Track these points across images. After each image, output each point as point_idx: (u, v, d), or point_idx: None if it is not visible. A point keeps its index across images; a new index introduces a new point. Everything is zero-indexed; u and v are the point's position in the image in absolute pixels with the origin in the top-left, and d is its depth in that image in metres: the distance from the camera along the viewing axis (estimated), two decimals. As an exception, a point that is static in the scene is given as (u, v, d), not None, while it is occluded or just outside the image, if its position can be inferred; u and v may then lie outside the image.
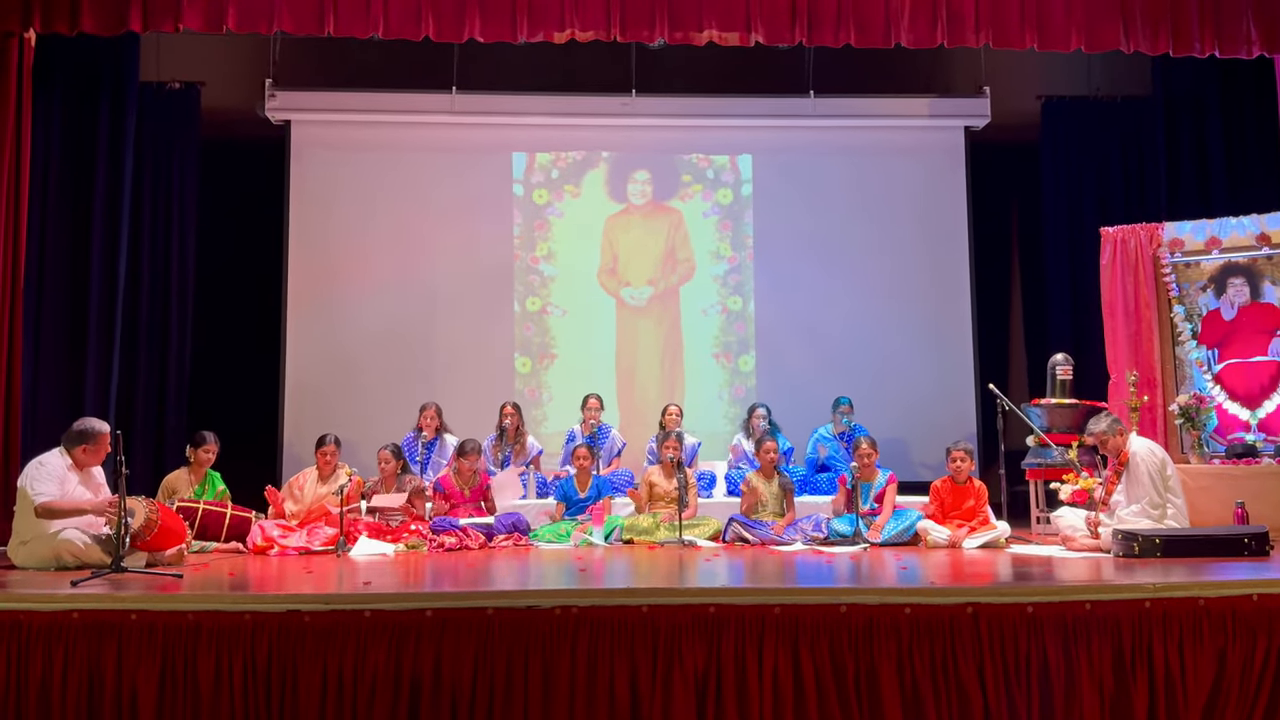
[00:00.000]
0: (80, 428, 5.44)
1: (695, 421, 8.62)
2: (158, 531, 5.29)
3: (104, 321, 8.05)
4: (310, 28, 6.64)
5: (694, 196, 9.24)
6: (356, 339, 8.82)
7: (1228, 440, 6.89)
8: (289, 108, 8.88)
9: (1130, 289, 7.33)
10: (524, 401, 8.65)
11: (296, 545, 6.09)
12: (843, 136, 9.25)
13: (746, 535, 6.42)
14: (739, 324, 9.14)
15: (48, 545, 5.17)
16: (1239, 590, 4.17)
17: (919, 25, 6.73)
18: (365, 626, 3.92)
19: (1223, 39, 6.79)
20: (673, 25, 6.71)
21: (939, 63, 9.07)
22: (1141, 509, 5.69)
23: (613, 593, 4.06)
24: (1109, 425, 5.92)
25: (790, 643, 3.96)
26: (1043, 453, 7.14)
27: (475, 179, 9.11)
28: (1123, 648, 4.06)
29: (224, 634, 3.91)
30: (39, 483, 5.25)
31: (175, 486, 6.52)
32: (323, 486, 6.62)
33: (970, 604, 4.04)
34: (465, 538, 6.29)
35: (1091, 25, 6.77)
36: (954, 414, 8.91)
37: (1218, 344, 7.10)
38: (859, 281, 9.13)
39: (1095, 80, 9.25)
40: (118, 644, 3.93)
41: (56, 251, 7.87)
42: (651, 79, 8.88)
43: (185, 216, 8.69)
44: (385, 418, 8.13)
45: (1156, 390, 7.14)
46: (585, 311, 9.08)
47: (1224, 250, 7.13)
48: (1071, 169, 9.28)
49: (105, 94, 8.16)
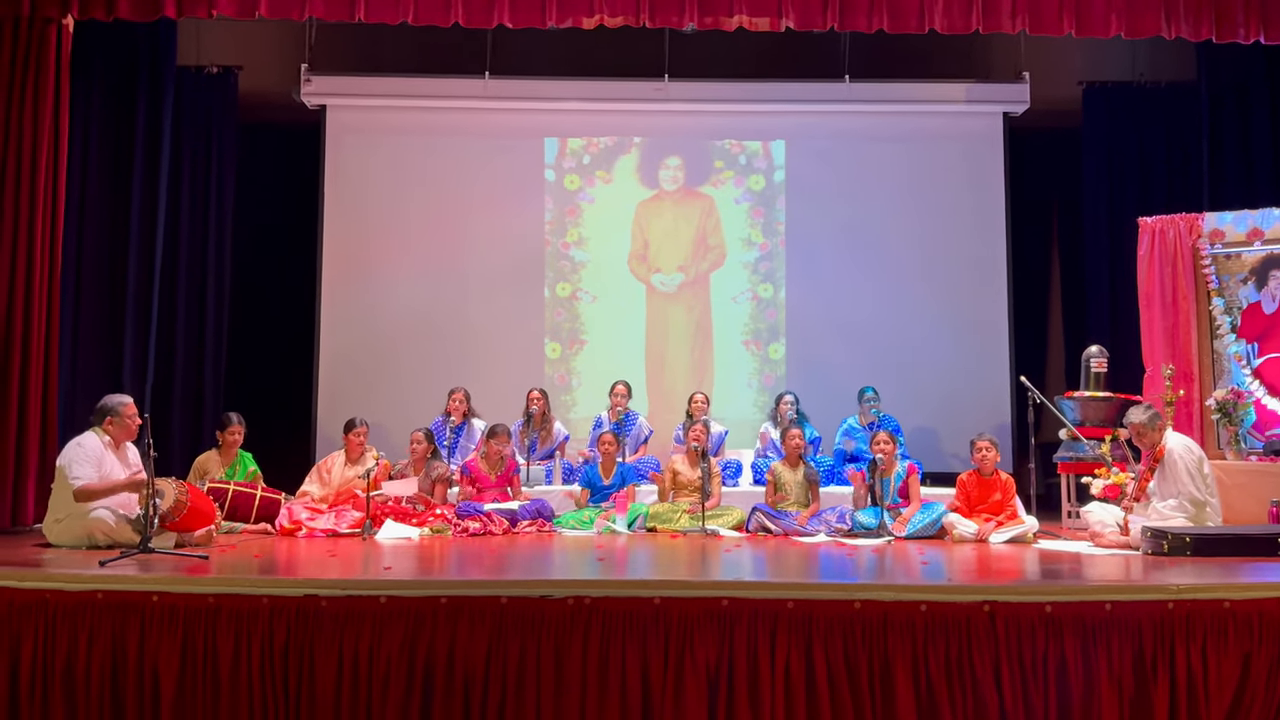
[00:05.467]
0: (103, 404, 5.59)
1: (724, 409, 8.60)
2: (187, 513, 5.39)
3: (141, 304, 8.19)
4: (341, 14, 6.66)
5: (726, 183, 9.18)
6: (389, 322, 8.88)
7: (1266, 437, 6.73)
8: (325, 92, 8.92)
9: (1168, 280, 7.17)
10: (553, 387, 8.69)
11: (324, 528, 6.18)
12: (878, 122, 9.12)
13: (769, 525, 6.40)
14: (769, 311, 9.09)
15: (81, 524, 5.29)
16: (1266, 593, 4.08)
17: (953, 11, 6.60)
18: (381, 612, 3.96)
19: (1269, 25, 6.58)
20: (703, 10, 6.64)
21: (977, 47, 8.90)
22: (1179, 504, 5.58)
23: (625, 584, 4.06)
24: (1149, 418, 5.81)
25: (803, 638, 3.94)
26: (1075, 447, 7.03)
27: (508, 164, 9.12)
28: (1144, 649, 3.99)
29: (243, 616, 3.98)
30: (77, 465, 5.37)
31: (206, 467, 6.63)
32: (350, 469, 6.70)
33: (987, 602, 3.99)
34: (489, 523, 6.34)
35: (1131, 10, 6.60)
36: (988, 405, 8.78)
37: (1258, 338, 6.93)
38: (892, 270, 9.01)
39: (1139, 66, 9.02)
40: (140, 624, 4.01)
41: (95, 235, 8.00)
42: (685, 64, 8.81)
43: (222, 200, 8.79)
44: (416, 401, 8.20)
45: (1193, 384, 6.99)
46: (615, 297, 9.07)
47: (1266, 242, 6.95)
48: (1113, 157, 9.07)
49: (143, 78, 8.26)
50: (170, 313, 8.47)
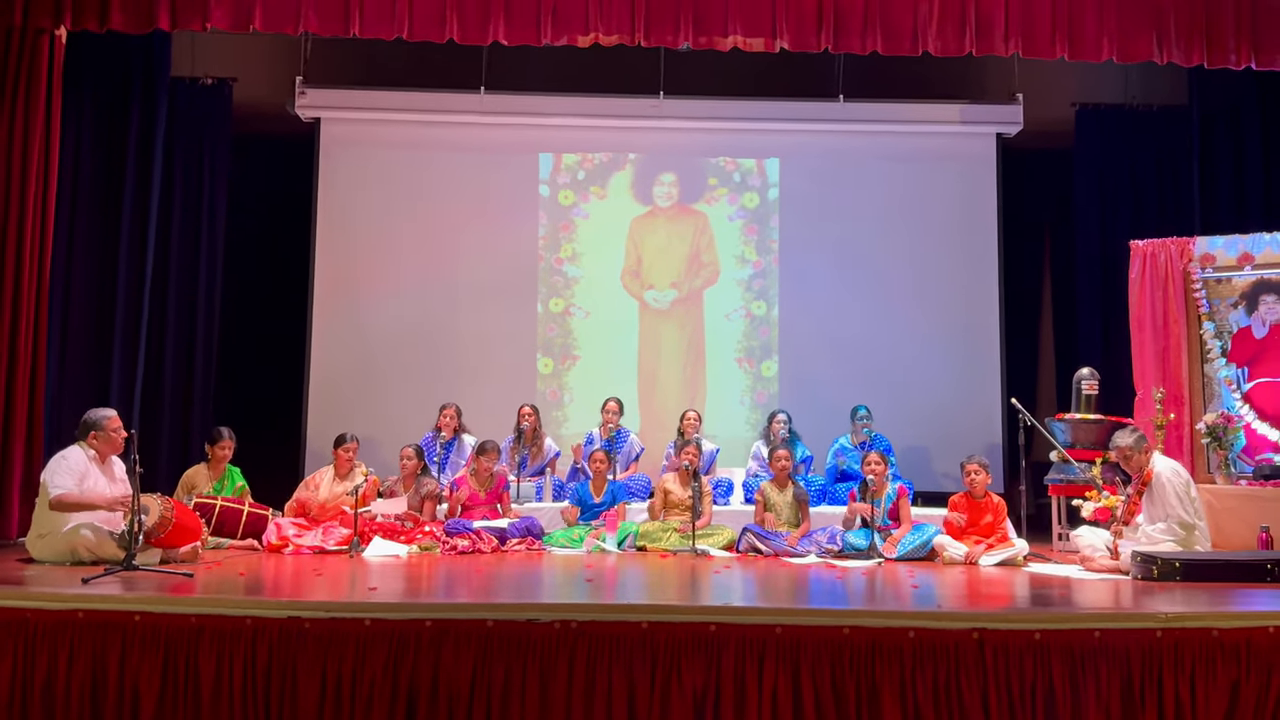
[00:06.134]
0: (87, 418, 5.54)
1: (716, 426, 8.58)
2: (172, 529, 5.36)
3: (131, 316, 8.15)
4: (336, 29, 6.66)
5: (720, 200, 9.19)
6: (381, 336, 8.86)
7: (1255, 461, 6.73)
8: (319, 105, 8.92)
9: (1159, 304, 7.19)
10: (545, 403, 8.66)
11: (311, 544, 6.14)
12: (872, 141, 9.14)
13: (760, 546, 6.37)
14: (762, 329, 9.08)
15: (64, 539, 5.25)
16: (1254, 622, 4.06)
17: (947, 33, 6.63)
18: (365, 635, 3.92)
19: (1260, 51, 6.61)
20: (697, 30, 6.66)
21: (972, 68, 8.92)
22: (1168, 527, 5.58)
23: (612, 608, 4.03)
24: (1135, 441, 5.81)
25: (791, 663, 3.92)
26: (1065, 469, 7.02)
27: (502, 179, 9.11)
28: (1131, 677, 3.97)
29: (225, 637, 3.93)
30: (57, 475, 5.34)
31: (194, 481, 6.59)
32: (338, 485, 6.66)
33: (976, 629, 3.97)
34: (478, 541, 6.31)
35: (1124, 35, 6.63)
36: (979, 425, 8.78)
37: (1248, 362, 6.94)
38: (885, 289, 9.02)
39: (1131, 89, 9.06)
40: (121, 644, 3.97)
41: (85, 245, 7.97)
42: (680, 81, 8.83)
43: (214, 212, 8.75)
44: (407, 416, 8.17)
45: (1184, 408, 7.00)
46: (608, 313, 9.06)
47: (1257, 266, 6.97)
48: (1105, 178, 9.11)
49: (136, 89, 8.24)
50: (160, 325, 8.42)
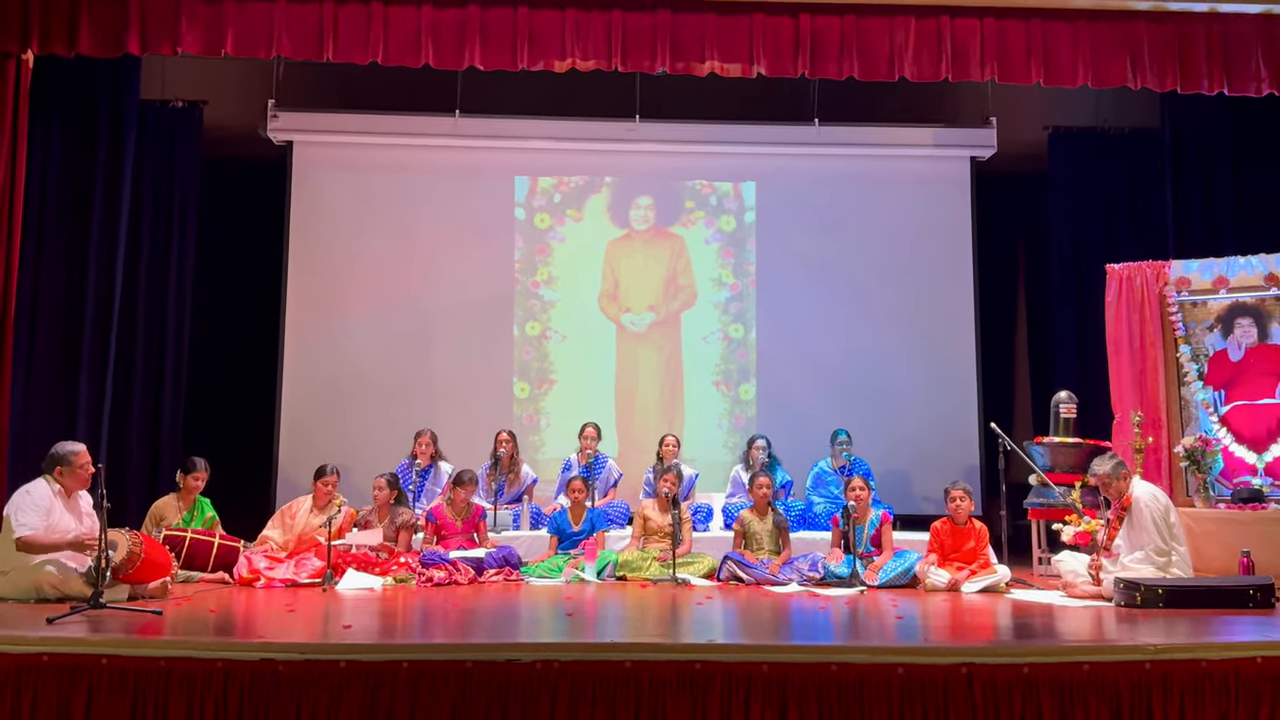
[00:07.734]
0: (53, 452, 5.38)
1: (694, 450, 8.52)
2: (141, 564, 5.21)
3: (98, 343, 8.00)
4: (309, 53, 6.59)
5: (697, 223, 9.16)
6: (355, 362, 8.74)
7: (1234, 484, 6.75)
8: (291, 128, 8.83)
9: (1136, 327, 7.20)
10: (522, 427, 8.57)
11: (283, 577, 6.00)
12: (847, 165, 9.16)
13: (741, 574, 6.30)
14: (740, 352, 9.05)
15: (28, 576, 5.10)
16: (1242, 652, 4.05)
17: (923, 59, 6.65)
18: (340, 677, 3.82)
19: (1232, 76, 6.68)
20: (674, 56, 6.64)
21: (946, 92, 8.98)
22: (1146, 555, 5.58)
23: (595, 647, 3.95)
24: (1113, 468, 5.81)
25: (778, 701, 3.84)
26: (1045, 492, 7.02)
27: (477, 202, 9.05)
28: (1120, 710, 3.94)
29: (196, 680, 3.81)
30: (23, 513, 5.18)
31: (163, 513, 6.42)
32: (315, 517, 6.52)
33: (965, 664, 3.92)
34: (455, 571, 6.19)
35: (1098, 61, 6.68)
36: (957, 447, 8.79)
37: (1224, 385, 6.97)
38: (862, 311, 9.03)
39: (1104, 112, 9.14)
40: (88, 688, 3.84)
41: (51, 270, 7.82)
42: (656, 105, 8.81)
43: (184, 237, 8.62)
44: (382, 442, 8.05)
45: (1161, 431, 7.01)
46: (585, 337, 9.00)
47: (1231, 290, 7.01)
48: (1078, 201, 9.17)
49: (104, 111, 8.13)
50: (128, 351, 8.27)
